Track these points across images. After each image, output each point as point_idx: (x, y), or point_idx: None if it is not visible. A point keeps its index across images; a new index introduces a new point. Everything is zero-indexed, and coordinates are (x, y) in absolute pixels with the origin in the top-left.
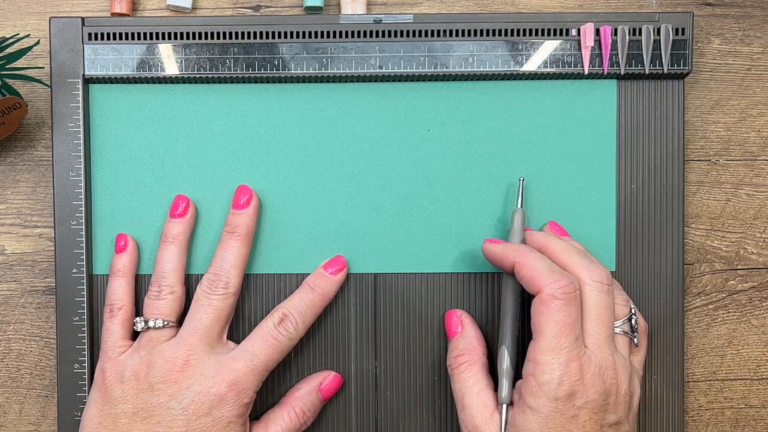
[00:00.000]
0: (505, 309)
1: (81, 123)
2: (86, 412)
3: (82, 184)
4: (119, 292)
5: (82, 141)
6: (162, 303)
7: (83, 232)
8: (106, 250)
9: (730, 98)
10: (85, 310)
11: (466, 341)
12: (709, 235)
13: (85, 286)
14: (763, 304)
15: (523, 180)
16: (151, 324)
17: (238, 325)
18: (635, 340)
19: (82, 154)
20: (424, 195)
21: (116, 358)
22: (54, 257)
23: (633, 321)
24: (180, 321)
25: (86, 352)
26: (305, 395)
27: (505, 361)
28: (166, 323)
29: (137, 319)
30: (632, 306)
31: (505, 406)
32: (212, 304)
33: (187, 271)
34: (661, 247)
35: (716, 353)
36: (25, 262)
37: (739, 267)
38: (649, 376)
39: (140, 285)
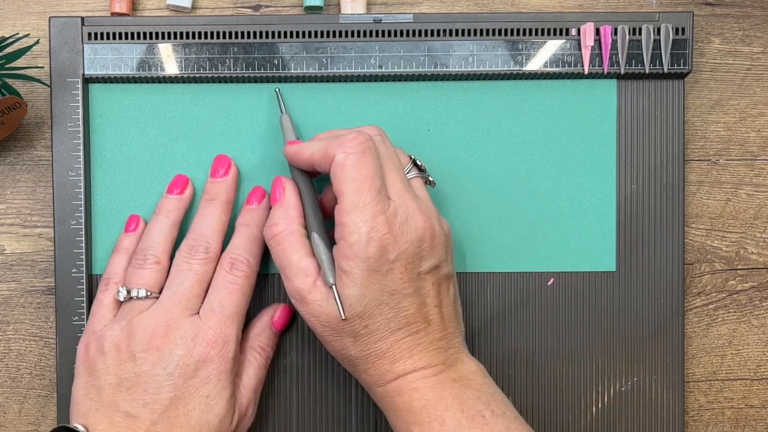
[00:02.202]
0: (304, 200)
1: (81, 123)
2: (73, 387)
3: (82, 184)
4: (119, 269)
5: (81, 141)
6: (146, 272)
7: (83, 232)
8: (106, 250)
9: (730, 98)
10: (85, 310)
11: (283, 210)
12: (710, 235)
13: (84, 286)
14: (764, 304)
15: (278, 90)
16: (133, 294)
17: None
18: (430, 177)
19: (81, 154)
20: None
21: (99, 331)
22: (54, 257)
23: (418, 162)
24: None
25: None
26: (261, 333)
27: (319, 246)
28: (148, 294)
29: (120, 288)
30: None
31: (334, 287)
32: (192, 268)
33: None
34: (661, 247)
35: (716, 353)
36: (25, 262)
37: (739, 267)
38: (649, 376)
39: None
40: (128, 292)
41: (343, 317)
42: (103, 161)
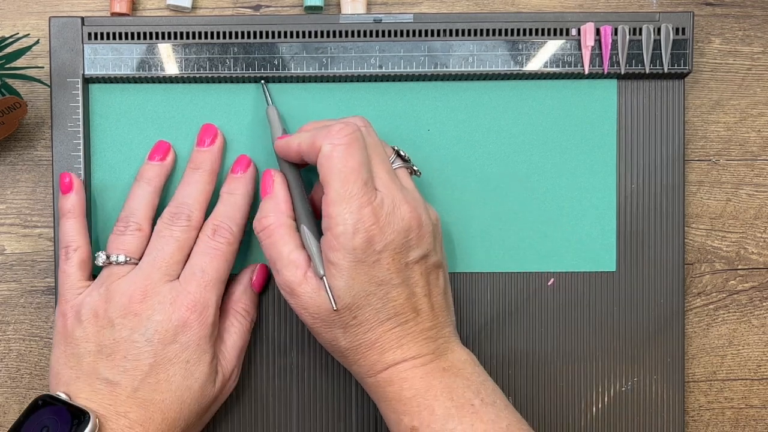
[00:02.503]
0: (293, 192)
1: (81, 123)
2: (51, 358)
3: None
4: (72, 232)
5: (81, 141)
6: (127, 239)
7: None
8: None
9: (730, 98)
10: None
11: (273, 202)
12: (710, 235)
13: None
14: (764, 304)
15: (264, 82)
16: (113, 259)
17: None
18: (415, 167)
19: (81, 154)
20: (424, 195)
21: (74, 299)
22: (54, 257)
23: (401, 152)
24: None
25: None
26: (242, 295)
27: (308, 238)
28: (128, 259)
29: (98, 253)
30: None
31: (324, 279)
32: (174, 235)
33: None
34: (661, 247)
35: (716, 353)
36: (25, 262)
37: (739, 267)
38: (649, 376)
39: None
40: (108, 257)
41: (335, 308)
42: (103, 161)
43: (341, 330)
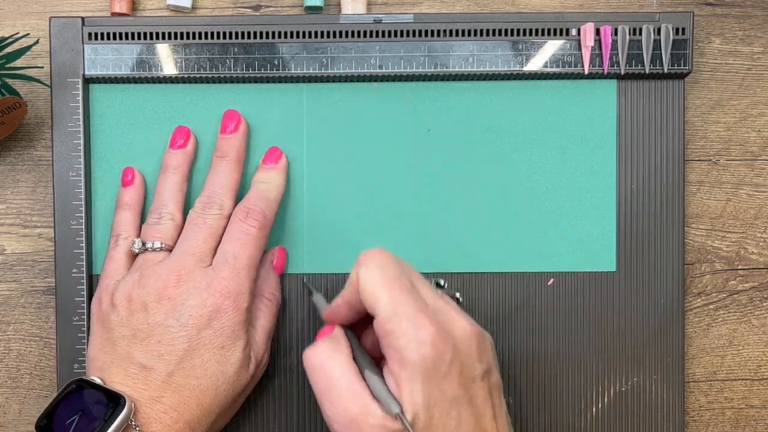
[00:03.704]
0: (351, 343)
1: (81, 123)
2: (88, 344)
3: (82, 184)
4: (125, 224)
5: (82, 141)
6: (162, 227)
7: (83, 232)
8: (106, 250)
9: (730, 98)
10: (85, 310)
11: (331, 338)
12: (710, 235)
13: (85, 286)
14: (764, 304)
15: (306, 280)
16: (148, 245)
17: None
18: (457, 294)
19: (81, 154)
20: (424, 195)
21: (111, 285)
22: (54, 257)
23: (440, 281)
24: None
25: (86, 352)
26: (266, 279)
27: (374, 380)
28: (163, 245)
29: (135, 240)
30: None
31: (400, 413)
32: (207, 222)
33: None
34: (661, 247)
35: (717, 353)
36: (25, 262)
37: (739, 267)
38: (649, 376)
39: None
40: (143, 243)
41: None
42: (103, 161)
43: None
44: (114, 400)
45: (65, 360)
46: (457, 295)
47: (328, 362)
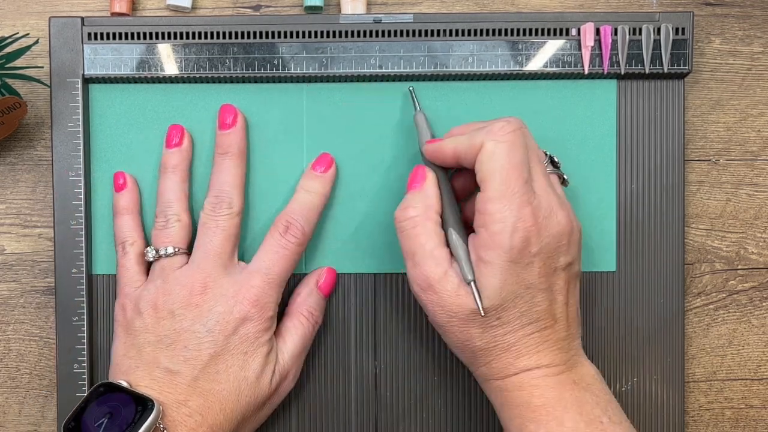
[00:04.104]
0: (443, 195)
1: (81, 123)
2: (112, 349)
3: (82, 184)
4: (127, 228)
5: (81, 141)
6: (170, 231)
7: (83, 232)
8: (106, 250)
9: (730, 98)
10: (85, 310)
11: (422, 196)
12: (710, 235)
13: (84, 286)
14: (764, 304)
15: (412, 89)
16: (162, 252)
17: None
18: (565, 176)
19: (81, 154)
20: None
21: (133, 293)
22: (54, 257)
23: (555, 158)
24: (189, 248)
25: (86, 352)
26: (307, 297)
27: (457, 242)
28: (176, 250)
29: (147, 249)
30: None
31: (473, 284)
32: (219, 224)
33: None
34: (661, 247)
35: (716, 353)
36: (25, 262)
37: (739, 267)
38: (649, 376)
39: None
40: (156, 251)
41: (483, 314)
42: (103, 161)
43: (479, 330)
44: (141, 403)
45: (65, 360)
46: (565, 176)
47: (416, 228)
